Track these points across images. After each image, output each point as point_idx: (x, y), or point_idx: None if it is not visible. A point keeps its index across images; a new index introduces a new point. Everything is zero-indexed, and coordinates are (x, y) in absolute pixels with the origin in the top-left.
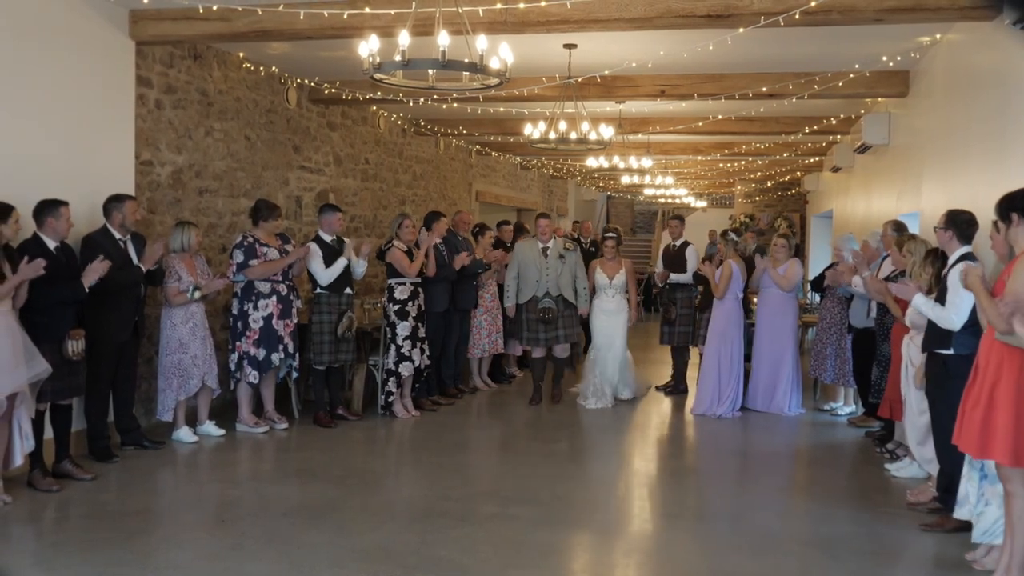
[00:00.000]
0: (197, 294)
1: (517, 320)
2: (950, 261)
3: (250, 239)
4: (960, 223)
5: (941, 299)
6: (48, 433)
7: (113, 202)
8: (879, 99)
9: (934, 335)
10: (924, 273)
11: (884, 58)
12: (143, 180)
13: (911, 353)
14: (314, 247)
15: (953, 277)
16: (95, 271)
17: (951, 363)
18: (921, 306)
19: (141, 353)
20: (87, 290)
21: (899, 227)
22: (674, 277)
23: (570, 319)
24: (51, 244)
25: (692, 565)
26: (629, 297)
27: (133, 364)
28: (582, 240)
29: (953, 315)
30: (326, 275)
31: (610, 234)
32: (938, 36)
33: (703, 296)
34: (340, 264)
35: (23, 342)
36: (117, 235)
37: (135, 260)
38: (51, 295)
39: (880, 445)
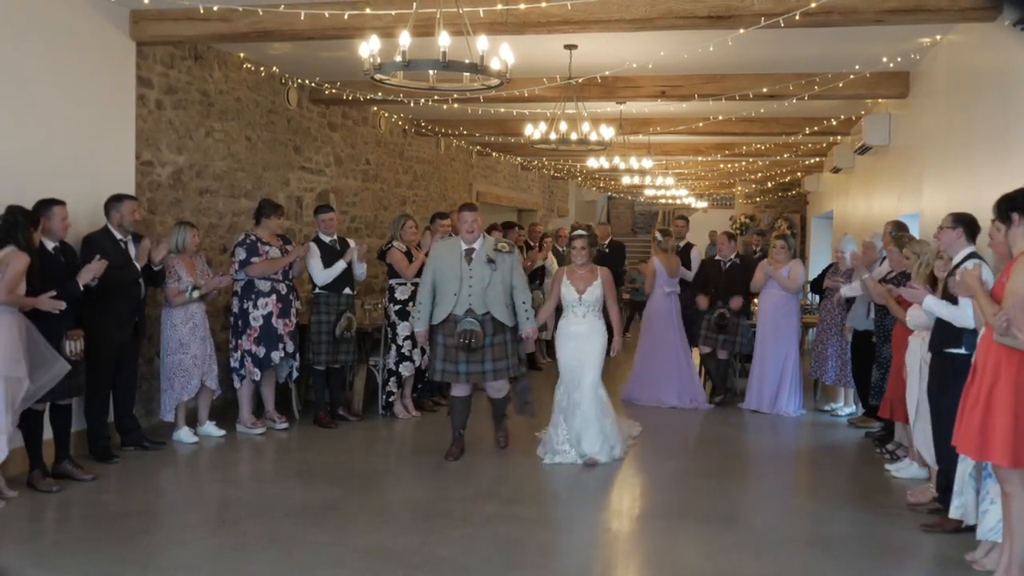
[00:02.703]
0: (196, 293)
1: (430, 347)
2: (955, 260)
3: (252, 237)
4: (968, 221)
5: (950, 298)
6: (48, 433)
7: (113, 202)
8: (879, 100)
9: (944, 334)
10: (940, 272)
11: (884, 59)
12: (144, 180)
13: (923, 355)
14: (313, 246)
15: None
16: (90, 271)
17: (959, 362)
18: (933, 307)
19: (142, 354)
20: (82, 289)
21: (900, 227)
22: (683, 273)
23: (503, 347)
24: (49, 245)
25: (693, 565)
26: (610, 317)
27: (133, 364)
28: (602, 247)
29: (969, 311)
30: (322, 276)
31: (579, 232)
32: (938, 37)
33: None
34: (338, 267)
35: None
36: (118, 235)
37: (135, 260)
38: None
39: (880, 446)
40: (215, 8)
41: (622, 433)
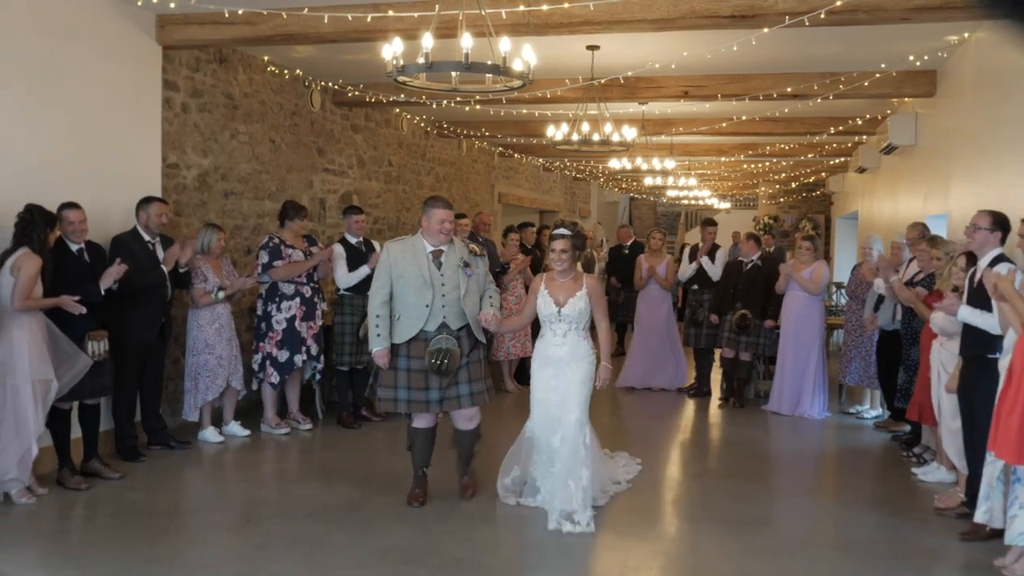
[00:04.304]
0: (221, 294)
1: (389, 371)
2: (983, 263)
3: (275, 240)
4: (1005, 224)
5: (976, 303)
6: (76, 432)
7: (142, 203)
8: (906, 99)
9: (974, 339)
10: (958, 280)
11: (911, 57)
12: (170, 183)
13: (943, 359)
14: (339, 249)
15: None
16: (111, 274)
17: (990, 367)
18: (968, 317)
19: (168, 354)
20: (103, 293)
21: (926, 228)
22: (707, 264)
23: (478, 366)
24: (73, 247)
25: (716, 568)
26: (599, 335)
27: (160, 365)
28: (622, 247)
29: (1001, 319)
30: (345, 280)
31: (560, 231)
32: (966, 35)
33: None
34: (361, 273)
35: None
36: (145, 236)
37: (163, 262)
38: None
39: (907, 449)
40: (240, 12)
41: (611, 477)
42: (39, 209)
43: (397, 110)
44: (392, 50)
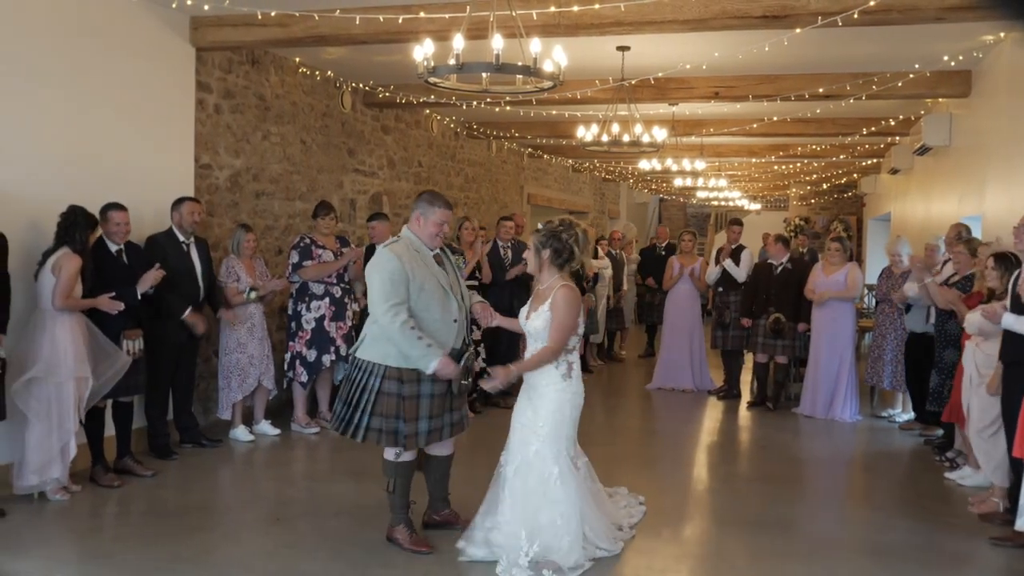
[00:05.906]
0: (253, 295)
1: (411, 400)
2: None
3: (306, 240)
4: None
5: (1019, 309)
6: (110, 430)
7: (175, 204)
8: (940, 99)
9: (1016, 344)
10: (994, 282)
11: (945, 57)
12: (202, 183)
13: (978, 360)
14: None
15: None
16: (149, 279)
17: None
18: (1013, 324)
19: (200, 353)
20: (139, 297)
21: (968, 231)
22: (730, 267)
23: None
24: (112, 247)
25: (745, 572)
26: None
27: (192, 364)
28: (657, 247)
29: None
30: None
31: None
32: (1002, 34)
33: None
34: None
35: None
36: (180, 237)
37: (197, 263)
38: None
39: (940, 453)
40: (272, 14)
41: (615, 521)
42: (81, 210)
43: (427, 111)
44: (423, 51)
